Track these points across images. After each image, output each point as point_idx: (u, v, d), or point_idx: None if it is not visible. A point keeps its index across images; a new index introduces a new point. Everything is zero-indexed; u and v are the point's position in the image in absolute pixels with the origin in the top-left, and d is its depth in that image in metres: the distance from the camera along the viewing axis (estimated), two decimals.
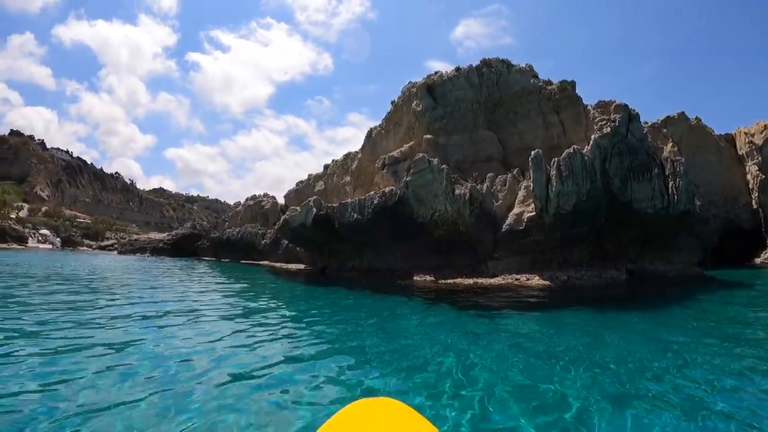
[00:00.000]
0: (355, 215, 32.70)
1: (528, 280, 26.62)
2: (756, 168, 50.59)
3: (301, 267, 46.23)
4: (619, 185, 28.00)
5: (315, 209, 35.87)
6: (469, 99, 36.97)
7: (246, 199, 76.63)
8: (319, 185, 54.70)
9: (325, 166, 56.99)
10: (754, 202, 50.06)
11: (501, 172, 31.51)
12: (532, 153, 27.86)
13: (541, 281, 26.18)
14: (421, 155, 30.94)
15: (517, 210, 28.21)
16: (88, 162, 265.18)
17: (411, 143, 36.98)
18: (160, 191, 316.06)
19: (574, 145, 28.36)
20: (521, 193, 28.61)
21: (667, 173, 29.80)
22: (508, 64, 38.99)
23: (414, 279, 29.58)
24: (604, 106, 33.39)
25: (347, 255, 37.96)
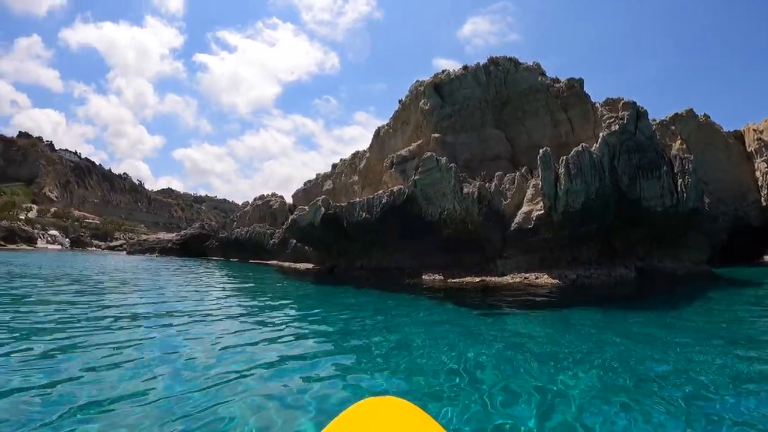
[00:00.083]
0: (363, 214, 32.71)
1: (537, 278, 26.56)
2: (765, 165, 50.14)
3: (309, 266, 46.31)
4: (628, 183, 27.89)
5: (323, 209, 35.91)
6: (477, 97, 36.90)
7: (254, 199, 76.71)
8: (328, 184, 54.74)
9: (333, 166, 57.05)
10: (763, 199, 49.59)
11: (509, 171, 31.46)
12: (541, 151, 27.78)
13: (550, 280, 26.12)
14: (429, 154, 30.91)
15: (525, 208, 28.16)
16: (97, 163, 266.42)
17: (419, 142, 36.97)
18: (168, 191, 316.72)
19: (583, 143, 28.27)
20: (530, 192, 28.56)
21: (675, 171, 29.67)
22: (515, 62, 38.87)
23: (423, 278, 29.56)
24: (612, 104, 33.26)
25: (356, 254, 37.98)
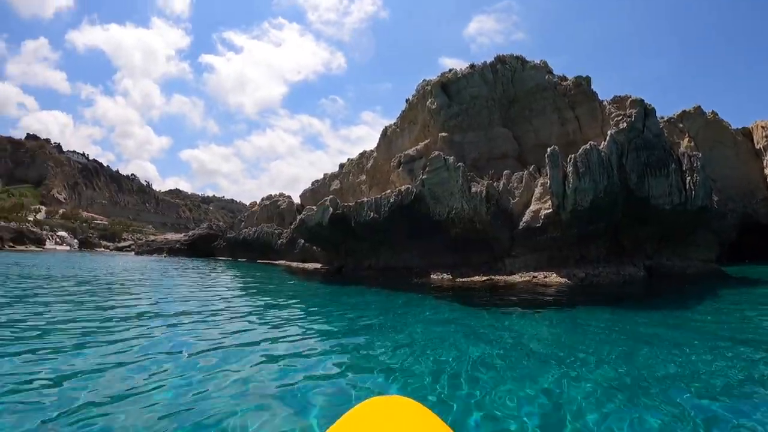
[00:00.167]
0: (371, 214, 32.76)
1: (545, 277, 26.54)
2: None
3: (317, 266, 46.35)
4: (636, 181, 27.81)
5: (331, 208, 35.98)
6: (484, 96, 36.85)
7: (262, 199, 76.87)
8: (335, 184, 54.79)
9: (341, 165, 57.12)
10: None
11: (517, 169, 31.41)
12: (549, 149, 27.76)
13: (558, 278, 26.10)
14: (436, 153, 30.93)
15: (533, 207, 28.14)
16: (104, 164, 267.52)
17: (426, 141, 36.95)
18: (176, 192, 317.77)
19: (591, 141, 28.23)
20: (538, 190, 28.54)
21: (684, 168, 29.56)
22: (522, 61, 38.78)
23: (431, 277, 29.59)
24: (619, 102, 33.17)
25: (363, 254, 38.02)
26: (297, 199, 67.39)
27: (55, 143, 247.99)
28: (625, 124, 29.51)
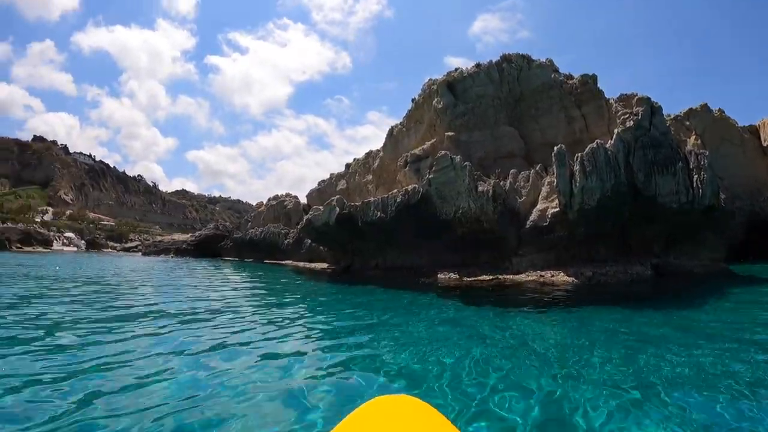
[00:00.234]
0: (378, 214, 32.77)
1: (553, 276, 26.52)
2: None
3: (324, 266, 46.42)
4: (643, 179, 27.72)
5: (338, 208, 36.01)
6: (490, 95, 36.85)
7: (268, 199, 77.05)
8: (341, 184, 54.91)
9: (347, 165, 57.23)
10: None
11: (523, 168, 31.40)
12: (555, 148, 27.74)
13: (565, 277, 26.06)
14: (443, 153, 30.93)
15: (540, 206, 28.12)
16: (111, 165, 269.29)
17: (433, 141, 36.95)
18: (182, 193, 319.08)
19: (598, 140, 28.21)
20: (545, 189, 28.52)
21: (691, 167, 29.40)
22: (528, 59, 38.76)
23: (438, 277, 29.52)
24: (626, 100, 33.09)
25: (370, 253, 38.05)
26: (303, 199, 67.48)
27: (61, 145, 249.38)
28: (631, 123, 29.44)
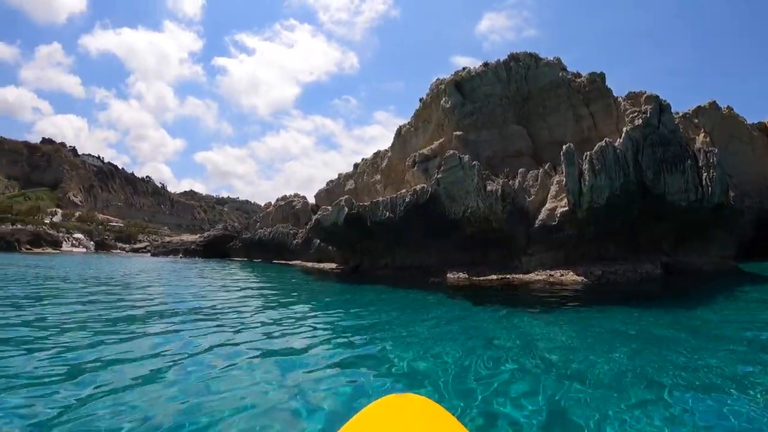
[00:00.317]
0: (387, 213, 32.80)
1: (562, 275, 26.50)
2: None
3: (333, 266, 46.48)
4: (653, 178, 27.63)
5: (347, 208, 36.08)
6: (498, 94, 36.81)
7: (277, 200, 77.15)
8: (350, 184, 54.96)
9: (355, 165, 57.28)
10: None
11: (532, 167, 31.38)
12: (564, 147, 27.70)
13: (575, 276, 26.05)
14: (451, 152, 30.92)
15: (549, 205, 28.10)
16: (120, 167, 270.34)
17: (441, 140, 36.96)
18: (190, 194, 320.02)
19: (606, 138, 28.16)
20: (553, 188, 28.49)
21: (700, 164, 29.28)
22: (536, 58, 38.69)
23: (447, 276, 29.53)
24: (634, 98, 33.01)
25: (379, 253, 38.11)
26: (312, 200, 67.56)
27: (70, 147, 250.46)
28: (640, 121, 29.36)
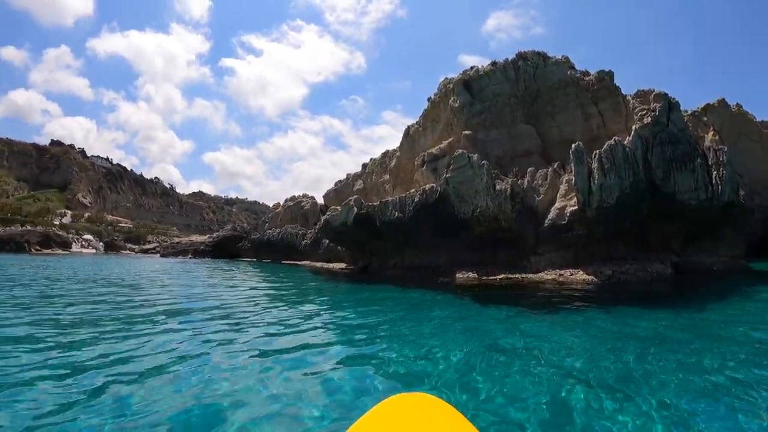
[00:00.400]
0: (396, 213, 32.84)
1: (572, 275, 26.48)
2: None
3: (342, 266, 46.62)
4: (662, 176, 27.57)
5: (356, 208, 36.17)
6: (506, 93, 36.78)
7: (285, 200, 77.52)
8: (358, 184, 55.12)
9: (364, 165, 57.50)
10: None
11: (541, 166, 31.35)
12: (573, 146, 27.68)
13: (585, 276, 26.02)
14: (460, 151, 30.92)
15: (559, 204, 28.08)
16: (128, 168, 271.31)
17: (450, 140, 36.98)
18: (199, 195, 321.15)
19: (615, 137, 28.12)
20: (563, 187, 28.46)
21: (710, 163, 29.21)
22: (544, 57, 38.61)
23: (456, 276, 29.53)
24: (643, 96, 32.93)
25: (388, 253, 38.16)
26: (320, 200, 67.93)
27: (79, 148, 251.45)
28: (649, 119, 29.29)
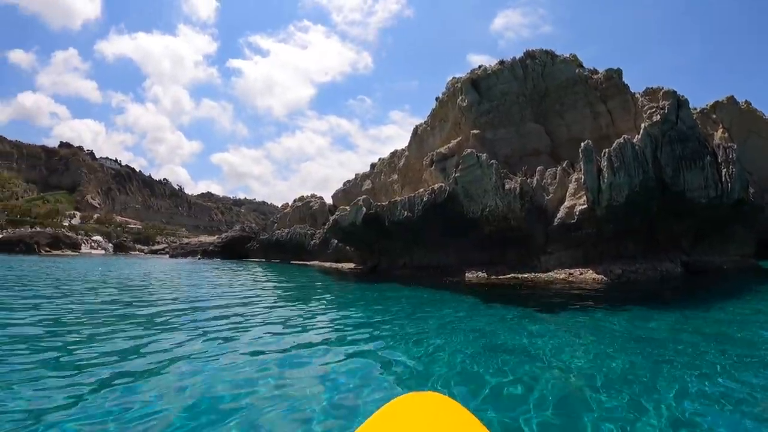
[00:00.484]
0: (405, 213, 32.90)
1: (581, 274, 26.47)
2: None
3: (351, 266, 46.74)
4: (672, 174, 27.52)
5: (365, 208, 36.27)
6: (515, 92, 36.69)
7: (294, 200, 77.79)
8: (367, 184, 55.18)
9: (372, 165, 57.55)
10: None
11: (550, 165, 31.32)
12: (582, 144, 27.66)
13: (594, 275, 26.00)
14: (469, 151, 30.96)
15: (568, 203, 28.04)
16: (137, 170, 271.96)
17: (458, 139, 36.96)
18: (207, 195, 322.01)
19: (625, 135, 28.05)
20: (572, 186, 28.43)
21: (719, 160, 29.14)
22: (552, 55, 38.47)
23: (465, 276, 29.58)
24: (651, 94, 32.84)
25: (397, 253, 38.22)
26: (329, 200, 68.04)
27: (88, 150, 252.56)
28: (658, 117, 29.23)
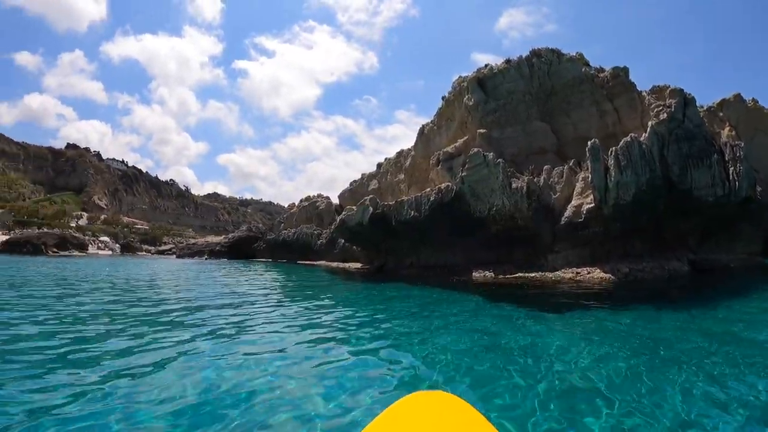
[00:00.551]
0: (412, 213, 32.97)
1: (588, 273, 26.48)
2: None
3: (358, 266, 46.81)
4: (679, 173, 27.47)
5: (372, 208, 36.35)
6: (521, 91, 36.67)
7: (300, 201, 78.04)
8: (373, 184, 55.28)
9: (378, 165, 57.66)
10: None
11: (556, 164, 31.31)
12: (589, 143, 27.63)
13: (602, 274, 26.00)
14: (475, 150, 30.98)
15: (575, 202, 28.02)
16: (144, 171, 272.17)
17: (465, 138, 36.97)
18: (214, 196, 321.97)
19: (632, 134, 28.03)
20: (579, 185, 28.41)
21: (726, 159, 29.06)
22: (558, 54, 38.38)
23: (472, 275, 29.62)
24: (658, 92, 32.79)
25: (404, 252, 38.27)
26: (335, 200, 68.12)
27: (94, 152, 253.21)
28: (665, 115, 29.19)
